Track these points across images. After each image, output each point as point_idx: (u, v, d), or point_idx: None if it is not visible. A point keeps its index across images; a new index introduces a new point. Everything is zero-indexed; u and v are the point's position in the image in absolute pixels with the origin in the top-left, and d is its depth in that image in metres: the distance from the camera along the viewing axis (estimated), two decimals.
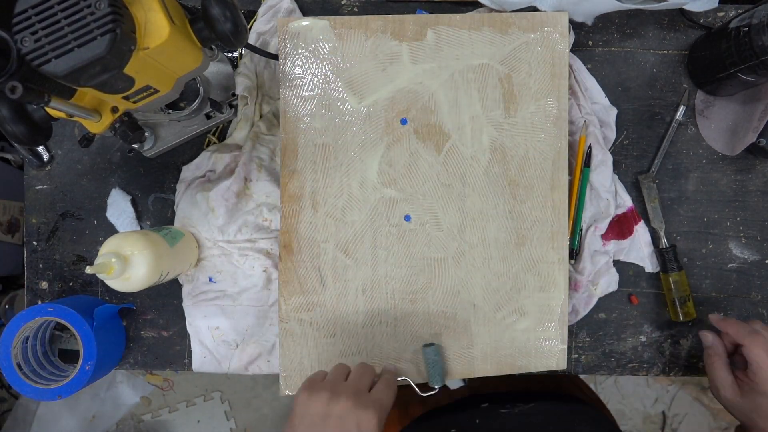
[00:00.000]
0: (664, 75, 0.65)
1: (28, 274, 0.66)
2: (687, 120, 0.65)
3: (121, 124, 0.47)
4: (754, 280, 0.66)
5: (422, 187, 0.60)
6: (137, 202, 0.65)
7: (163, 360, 0.65)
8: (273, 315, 0.63)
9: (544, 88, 0.60)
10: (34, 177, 0.65)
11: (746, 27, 0.55)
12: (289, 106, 0.59)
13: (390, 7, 0.65)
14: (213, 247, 0.62)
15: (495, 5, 0.60)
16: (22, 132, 0.41)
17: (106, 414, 1.62)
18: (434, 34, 0.59)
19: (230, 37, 0.43)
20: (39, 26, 0.34)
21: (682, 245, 0.65)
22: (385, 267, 0.59)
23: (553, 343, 0.61)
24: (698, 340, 0.65)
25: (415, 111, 0.59)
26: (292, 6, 0.62)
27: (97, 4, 0.34)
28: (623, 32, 0.65)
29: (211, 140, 0.65)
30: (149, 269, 0.52)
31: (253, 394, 1.67)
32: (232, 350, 0.64)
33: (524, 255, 0.60)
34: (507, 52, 0.59)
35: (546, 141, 0.60)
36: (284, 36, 0.58)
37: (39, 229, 0.65)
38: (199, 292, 0.63)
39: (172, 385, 1.66)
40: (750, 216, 0.66)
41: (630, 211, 0.64)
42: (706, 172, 0.66)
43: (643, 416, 1.69)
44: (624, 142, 0.66)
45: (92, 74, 0.36)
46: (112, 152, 0.65)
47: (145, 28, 0.39)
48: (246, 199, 0.61)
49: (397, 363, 0.60)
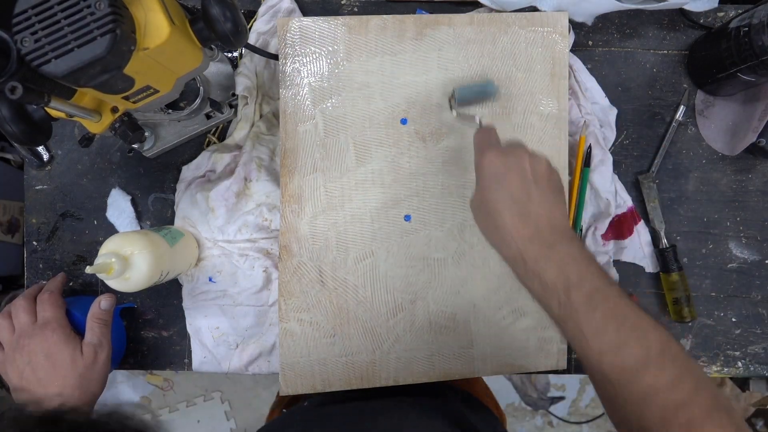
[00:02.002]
0: (664, 75, 0.65)
1: (28, 274, 0.66)
2: (687, 120, 0.65)
3: (121, 124, 0.47)
4: (754, 280, 0.66)
5: (422, 187, 0.60)
6: (137, 202, 0.65)
7: (163, 360, 0.65)
8: (273, 315, 0.63)
9: (544, 88, 0.60)
10: (34, 177, 0.65)
11: (746, 27, 0.55)
12: (289, 106, 0.59)
13: (390, 7, 0.65)
14: (213, 247, 0.62)
15: (495, 5, 0.60)
16: (22, 132, 0.41)
17: None
18: (434, 34, 0.59)
19: (230, 37, 0.43)
20: (39, 26, 0.34)
21: (682, 245, 0.65)
22: (385, 267, 0.59)
23: (553, 343, 0.61)
24: (698, 340, 0.66)
25: (415, 111, 0.59)
26: (292, 6, 0.62)
27: (97, 5, 0.34)
28: (623, 32, 0.65)
29: (211, 140, 0.65)
30: (149, 269, 0.52)
31: (253, 394, 1.67)
32: (232, 350, 0.64)
33: None
34: (507, 52, 0.59)
35: (546, 141, 0.60)
36: (284, 36, 0.58)
37: (39, 229, 0.65)
38: (199, 292, 0.63)
39: (172, 385, 1.66)
40: (750, 216, 0.66)
41: (630, 211, 0.64)
42: (706, 172, 0.66)
43: None
44: (624, 142, 0.66)
45: (92, 74, 0.36)
46: (112, 152, 0.65)
47: (145, 29, 0.39)
48: (246, 199, 0.61)
49: (398, 362, 0.60)
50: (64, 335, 0.54)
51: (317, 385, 0.60)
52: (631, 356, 0.37)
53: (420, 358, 0.60)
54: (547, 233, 0.42)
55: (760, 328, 0.66)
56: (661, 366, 0.37)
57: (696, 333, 0.66)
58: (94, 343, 0.55)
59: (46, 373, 0.53)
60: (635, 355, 0.37)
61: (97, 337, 0.56)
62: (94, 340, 0.55)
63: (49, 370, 0.53)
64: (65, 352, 0.54)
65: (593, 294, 0.39)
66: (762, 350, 0.66)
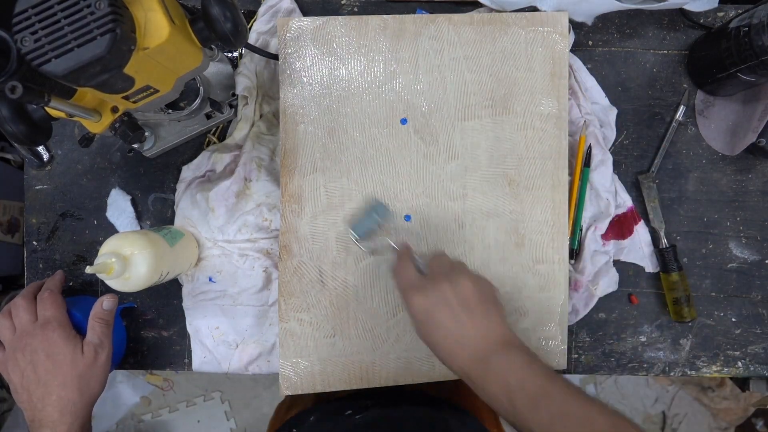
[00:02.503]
0: (664, 75, 0.65)
1: (28, 274, 0.66)
2: (687, 120, 0.65)
3: (121, 124, 0.47)
4: (754, 280, 0.66)
5: (422, 187, 0.60)
6: (137, 202, 0.65)
7: (163, 360, 0.65)
8: (273, 315, 0.63)
9: (544, 88, 0.60)
10: (34, 177, 0.65)
11: (746, 27, 0.55)
12: (289, 106, 0.59)
13: (390, 7, 0.65)
14: (213, 247, 0.62)
15: (495, 5, 0.60)
16: (22, 132, 0.41)
17: (106, 414, 1.62)
18: (434, 34, 0.59)
19: (230, 37, 0.43)
20: (39, 26, 0.34)
21: (682, 245, 0.65)
22: (385, 267, 0.59)
23: (553, 343, 0.61)
24: (698, 340, 0.66)
25: (415, 111, 0.59)
26: (292, 6, 0.62)
27: (97, 4, 0.34)
28: (623, 32, 0.65)
29: (211, 140, 0.65)
30: (149, 269, 0.52)
31: (253, 394, 1.67)
32: (232, 350, 0.64)
33: (524, 255, 0.60)
34: (507, 52, 0.59)
35: (546, 141, 0.60)
36: (284, 36, 0.58)
37: (39, 229, 0.65)
38: (199, 292, 0.63)
39: (172, 385, 1.66)
40: (750, 216, 0.66)
41: (630, 211, 0.64)
42: (706, 172, 0.66)
43: (643, 416, 1.69)
44: (624, 142, 0.66)
45: (92, 74, 0.36)
46: (112, 152, 0.65)
47: (145, 28, 0.39)
48: (246, 199, 0.61)
49: (398, 362, 0.60)
50: (64, 334, 0.54)
51: (317, 385, 0.60)
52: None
53: (420, 358, 0.60)
54: (483, 349, 0.45)
55: (760, 328, 0.66)
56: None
57: (696, 333, 0.66)
58: (95, 343, 0.55)
59: (47, 372, 0.53)
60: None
61: (99, 336, 0.56)
62: (95, 340, 0.55)
63: (49, 369, 0.53)
64: (66, 352, 0.54)
65: (536, 396, 0.41)
66: (762, 350, 0.66)
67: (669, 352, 0.66)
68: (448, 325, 0.46)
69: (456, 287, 0.46)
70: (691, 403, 1.68)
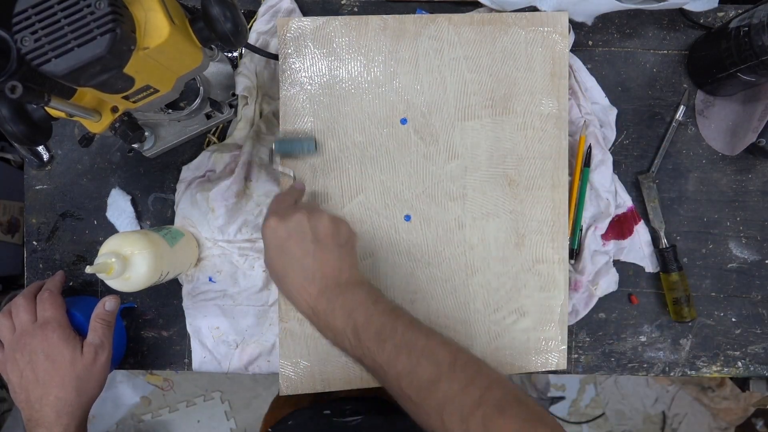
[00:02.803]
0: (664, 75, 0.65)
1: (28, 274, 0.66)
2: (687, 120, 0.65)
3: (121, 124, 0.47)
4: (754, 280, 0.66)
5: (422, 187, 0.60)
6: (137, 202, 0.65)
7: (163, 360, 0.65)
8: (273, 315, 0.63)
9: (544, 88, 0.60)
10: (34, 177, 0.65)
11: (746, 27, 0.55)
12: (289, 106, 0.59)
13: (390, 7, 0.65)
14: (213, 247, 0.62)
15: (495, 5, 0.60)
16: (22, 132, 0.41)
17: (106, 414, 1.62)
18: (434, 34, 0.59)
19: (230, 37, 0.43)
20: (39, 26, 0.34)
21: (682, 245, 0.65)
22: (385, 266, 0.59)
23: (553, 343, 0.61)
24: (698, 340, 0.66)
25: (415, 111, 0.59)
26: (292, 6, 0.62)
27: (97, 4, 0.34)
28: (623, 32, 0.65)
29: (211, 140, 0.65)
30: (149, 269, 0.52)
31: (253, 394, 1.67)
32: (232, 350, 0.64)
33: (524, 255, 0.60)
34: (507, 52, 0.59)
35: (546, 141, 0.60)
36: (284, 36, 0.58)
37: (39, 229, 0.65)
38: (199, 292, 0.63)
39: (172, 385, 1.66)
40: (750, 216, 0.66)
41: (630, 211, 0.64)
42: (706, 172, 0.66)
43: (643, 416, 1.69)
44: (624, 142, 0.66)
45: (92, 74, 0.36)
46: (112, 152, 0.65)
47: (145, 28, 0.39)
48: (246, 199, 0.61)
49: None
50: (64, 335, 0.54)
51: (317, 385, 0.60)
52: (424, 374, 0.41)
53: None
54: (333, 287, 0.45)
55: (760, 328, 0.66)
56: (452, 376, 0.41)
57: (696, 333, 0.66)
58: (95, 344, 0.55)
59: (46, 372, 0.53)
60: (428, 373, 0.41)
61: (99, 337, 0.56)
62: (95, 341, 0.55)
63: (48, 369, 0.53)
64: (65, 352, 0.54)
65: (381, 330, 0.43)
66: (762, 350, 0.66)
67: (669, 352, 0.66)
68: (298, 256, 0.46)
69: (314, 222, 0.47)
70: (691, 403, 1.68)
